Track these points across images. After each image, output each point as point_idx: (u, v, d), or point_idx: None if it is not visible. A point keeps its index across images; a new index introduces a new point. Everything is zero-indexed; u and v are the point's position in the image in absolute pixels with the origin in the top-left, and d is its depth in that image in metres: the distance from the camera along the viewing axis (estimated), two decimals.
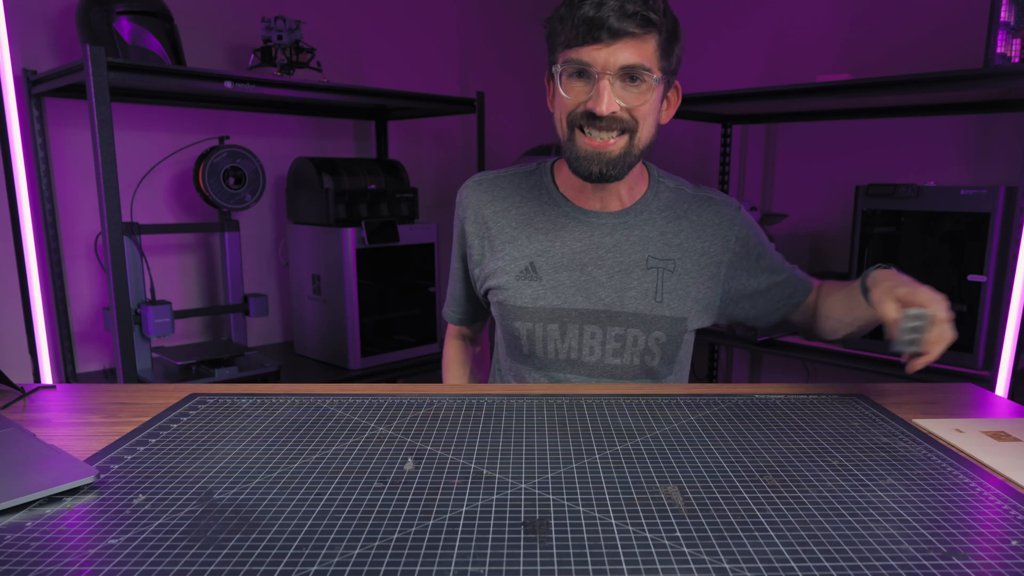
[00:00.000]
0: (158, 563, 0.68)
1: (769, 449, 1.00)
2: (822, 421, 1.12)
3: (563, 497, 0.84)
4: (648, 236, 1.38)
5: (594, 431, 1.06)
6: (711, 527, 0.77)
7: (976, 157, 2.75)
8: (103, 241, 2.26)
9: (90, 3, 2.40)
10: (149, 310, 2.54)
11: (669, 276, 1.36)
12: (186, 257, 3.04)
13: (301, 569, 0.67)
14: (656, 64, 1.22)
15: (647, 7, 1.17)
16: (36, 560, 0.69)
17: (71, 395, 1.28)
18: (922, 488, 0.88)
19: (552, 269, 1.37)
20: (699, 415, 1.14)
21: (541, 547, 0.72)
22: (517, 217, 1.40)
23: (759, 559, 0.70)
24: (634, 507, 0.81)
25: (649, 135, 1.29)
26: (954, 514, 0.81)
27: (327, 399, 1.21)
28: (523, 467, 0.93)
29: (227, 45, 3.03)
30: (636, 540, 0.74)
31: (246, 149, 2.74)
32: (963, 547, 0.73)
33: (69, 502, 0.82)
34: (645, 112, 1.24)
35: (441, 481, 0.88)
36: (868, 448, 1.01)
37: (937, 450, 1.00)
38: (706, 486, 0.88)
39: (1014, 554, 0.72)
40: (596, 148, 1.24)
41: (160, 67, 2.38)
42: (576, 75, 1.22)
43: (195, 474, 0.90)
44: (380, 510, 0.80)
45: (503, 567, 0.68)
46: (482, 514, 0.80)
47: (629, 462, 0.95)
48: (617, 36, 1.16)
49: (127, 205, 2.69)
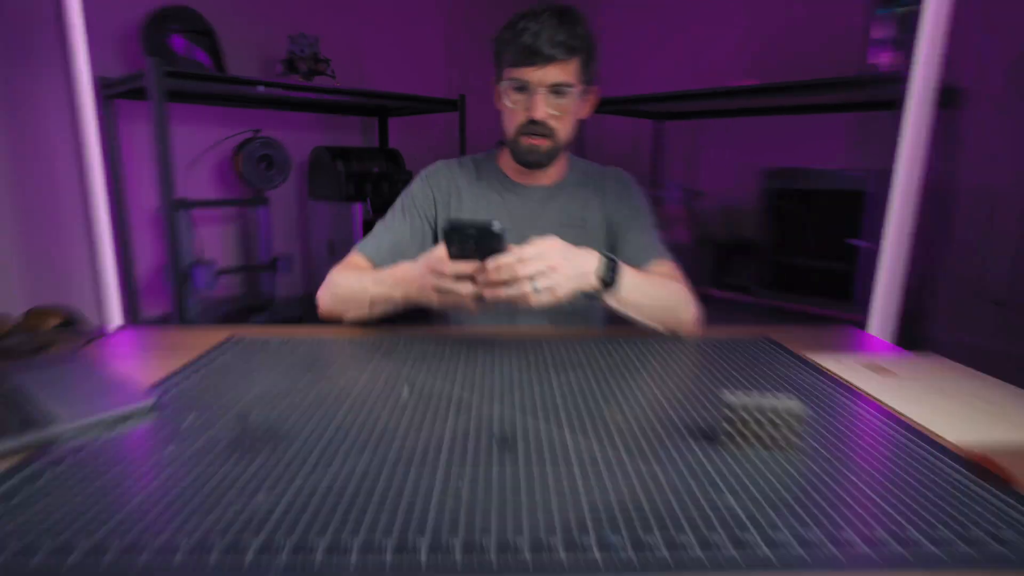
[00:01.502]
0: (204, 470, 0.68)
1: (692, 378, 1.00)
2: (734, 356, 1.12)
3: (528, 417, 0.83)
4: (568, 203, 1.42)
5: (552, 365, 1.06)
6: (644, 440, 0.76)
7: (856, 146, 2.75)
8: (161, 213, 2.26)
9: (151, 23, 2.49)
10: (197, 268, 2.54)
11: (583, 232, 1.39)
12: (227, 226, 3.04)
13: (317, 475, 0.67)
14: (578, 80, 1.27)
15: (572, 37, 1.22)
16: (107, 468, 0.68)
17: (135, 336, 1.27)
18: (815, 409, 0.87)
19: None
20: (637, 352, 1.14)
21: (509, 456, 0.72)
22: (475, 191, 1.43)
23: (683, 464, 0.70)
24: (584, 425, 0.81)
25: (569, 133, 1.34)
26: (841, 431, 0.80)
27: (339, 340, 1.20)
28: (496, 393, 0.92)
29: (259, 57, 3.03)
30: (585, 451, 0.73)
31: (275, 140, 2.74)
32: (847, 457, 0.73)
33: (133, 422, 0.81)
34: (566, 118, 1.30)
35: (431, 404, 0.88)
36: (772, 378, 1.00)
37: (827, 380, 1.00)
38: (641, 408, 0.87)
39: (888, 463, 0.72)
40: (533, 145, 1.31)
41: (206, 74, 2.39)
42: (517, 89, 1.27)
43: (233, 399, 0.88)
44: (381, 428, 0.79)
45: (480, 473, 0.68)
46: (463, 431, 0.79)
47: (580, 389, 0.94)
48: (548, 61, 1.22)
49: (180, 184, 2.74)
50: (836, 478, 0.67)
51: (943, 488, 0.65)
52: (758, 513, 0.60)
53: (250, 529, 0.57)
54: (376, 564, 0.52)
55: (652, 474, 0.68)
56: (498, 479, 0.67)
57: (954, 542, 0.56)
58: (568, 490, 0.64)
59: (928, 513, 0.60)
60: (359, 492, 0.63)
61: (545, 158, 1.34)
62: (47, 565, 0.52)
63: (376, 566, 0.52)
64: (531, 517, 0.59)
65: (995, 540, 0.56)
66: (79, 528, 0.57)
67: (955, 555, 0.54)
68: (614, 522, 0.58)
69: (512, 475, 0.67)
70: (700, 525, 0.58)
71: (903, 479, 0.67)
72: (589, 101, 1.38)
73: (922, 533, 0.57)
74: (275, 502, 0.61)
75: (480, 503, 0.62)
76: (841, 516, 0.60)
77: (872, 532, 0.57)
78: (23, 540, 0.56)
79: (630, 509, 0.61)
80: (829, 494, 0.64)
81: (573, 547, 0.55)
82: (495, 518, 0.59)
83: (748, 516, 0.59)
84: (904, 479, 0.67)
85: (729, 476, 0.67)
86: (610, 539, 0.56)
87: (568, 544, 0.55)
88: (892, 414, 0.86)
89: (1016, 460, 0.72)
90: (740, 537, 0.56)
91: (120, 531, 0.57)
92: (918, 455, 0.73)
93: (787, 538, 0.56)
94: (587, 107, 1.39)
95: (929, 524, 0.59)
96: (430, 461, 0.71)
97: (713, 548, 0.55)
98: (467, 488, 0.65)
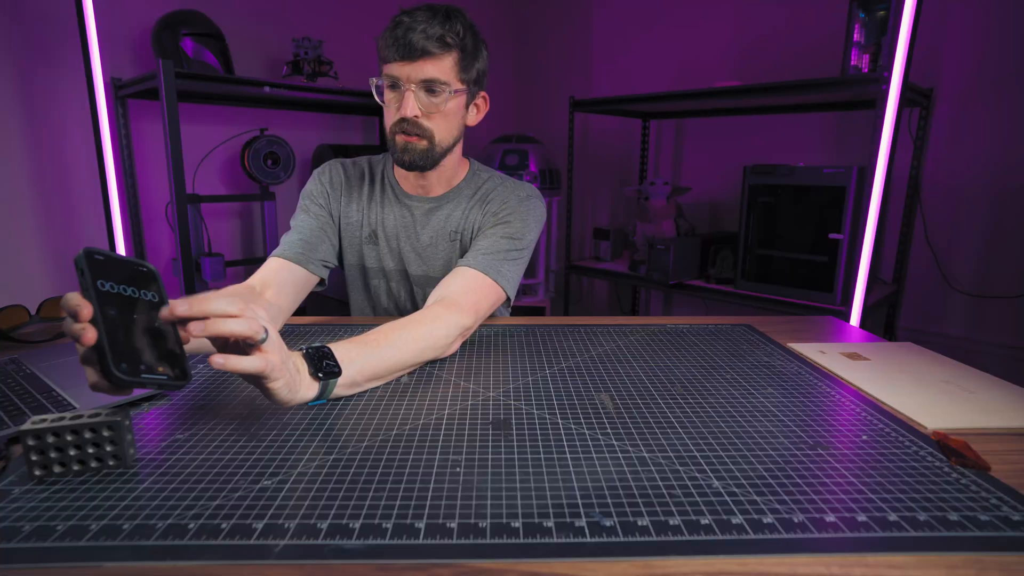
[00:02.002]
0: (214, 452, 0.68)
1: (678, 366, 0.99)
2: (718, 345, 1.11)
3: (521, 403, 0.83)
4: (452, 216, 1.30)
5: (544, 353, 1.05)
6: (633, 425, 0.76)
7: (836, 144, 2.75)
8: (172, 208, 2.26)
9: (162, 27, 2.47)
10: (206, 260, 2.54)
11: (456, 247, 1.30)
12: (234, 220, 3.03)
13: (322, 458, 0.66)
14: (455, 78, 1.15)
15: (445, 31, 1.11)
16: None
17: None
18: (794, 396, 0.87)
19: (385, 238, 1.33)
20: (625, 340, 1.13)
21: (504, 440, 0.71)
22: (362, 195, 1.34)
23: (670, 449, 0.69)
24: (575, 410, 0.80)
25: (450, 136, 1.21)
26: (819, 415, 0.80)
27: (340, 327, 1.20)
28: (491, 380, 0.92)
29: (266, 59, 3.01)
30: (576, 435, 0.73)
31: (280, 138, 2.73)
32: (826, 440, 0.72)
33: (147, 406, 0.81)
34: (442, 118, 1.18)
35: (429, 390, 0.87)
36: (753, 365, 1.00)
37: (806, 367, 1.00)
38: (630, 394, 0.86)
39: (864, 445, 0.71)
40: (406, 142, 1.17)
41: (215, 75, 2.39)
42: (390, 87, 1.16)
43: (241, 387, 0.88)
44: (383, 412, 0.79)
45: (475, 455, 0.68)
46: (460, 415, 0.78)
47: (571, 376, 0.94)
48: (419, 55, 1.10)
49: (190, 180, 2.77)
50: (818, 463, 0.67)
51: (921, 473, 0.65)
52: (744, 497, 0.60)
53: (257, 511, 0.57)
54: (376, 544, 0.52)
55: (641, 458, 0.67)
56: (493, 463, 0.66)
57: (933, 525, 0.56)
58: (560, 473, 0.64)
59: (908, 498, 0.60)
60: (360, 475, 0.63)
61: (421, 158, 1.19)
62: (62, 546, 0.52)
63: (376, 547, 0.52)
64: (525, 499, 0.59)
65: (973, 524, 0.56)
66: (92, 509, 0.57)
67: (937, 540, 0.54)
68: (604, 505, 0.58)
69: (507, 458, 0.67)
70: (687, 508, 0.58)
71: (883, 464, 0.67)
72: (477, 108, 1.27)
73: (903, 518, 0.57)
74: (279, 485, 0.61)
75: (476, 486, 0.61)
76: (824, 500, 0.59)
77: (855, 516, 0.57)
78: (38, 522, 0.55)
79: (620, 492, 0.60)
80: (812, 479, 0.63)
81: (565, 528, 0.54)
82: (490, 500, 0.59)
83: (735, 500, 0.59)
84: (885, 465, 0.67)
85: (715, 461, 0.67)
86: (600, 520, 0.55)
87: (560, 526, 0.55)
88: (868, 399, 0.86)
89: (986, 443, 0.72)
90: (727, 521, 0.56)
91: (131, 512, 0.56)
92: (894, 439, 0.73)
93: (773, 522, 0.56)
94: (478, 114, 1.27)
95: (908, 508, 0.58)
96: (428, 444, 0.70)
97: (700, 531, 0.54)
98: (463, 471, 0.64)
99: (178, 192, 2.21)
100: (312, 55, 2.79)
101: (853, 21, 2.16)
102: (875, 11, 2.12)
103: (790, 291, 2.32)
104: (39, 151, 2.39)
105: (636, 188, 2.92)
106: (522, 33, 4.02)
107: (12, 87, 2.31)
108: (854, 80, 2.06)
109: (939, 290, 2.50)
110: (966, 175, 2.38)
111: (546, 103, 3.94)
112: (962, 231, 2.42)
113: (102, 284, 0.60)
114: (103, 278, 0.60)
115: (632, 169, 3.53)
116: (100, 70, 2.19)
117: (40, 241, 2.43)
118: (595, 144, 3.70)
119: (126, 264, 0.64)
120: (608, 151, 3.65)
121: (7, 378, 0.89)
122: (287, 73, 2.81)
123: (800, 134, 2.86)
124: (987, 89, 2.30)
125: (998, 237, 2.33)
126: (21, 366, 0.95)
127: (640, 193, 2.86)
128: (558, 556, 0.51)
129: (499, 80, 4.01)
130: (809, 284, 2.26)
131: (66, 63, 2.40)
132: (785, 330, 1.23)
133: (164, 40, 2.41)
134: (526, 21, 4.00)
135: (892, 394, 0.87)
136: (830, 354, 1.06)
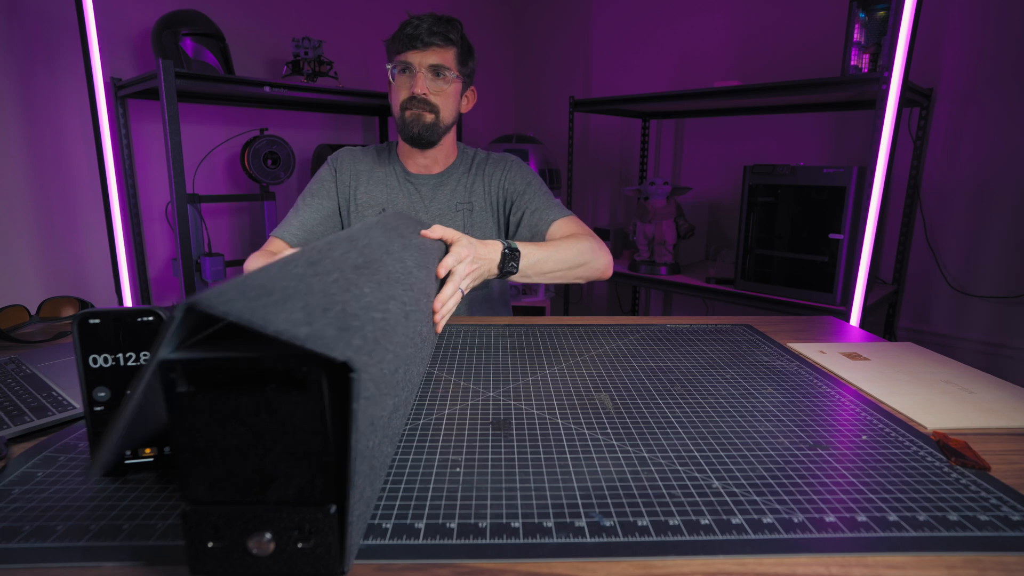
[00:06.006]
0: None
1: (678, 366, 0.99)
2: (718, 344, 1.11)
3: (521, 403, 0.83)
4: (455, 190, 1.51)
5: (544, 352, 1.05)
6: (633, 425, 0.76)
7: (835, 144, 2.75)
8: (172, 208, 2.27)
9: (162, 26, 2.46)
10: (206, 260, 2.53)
11: (469, 215, 1.50)
12: (234, 220, 3.02)
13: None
14: (455, 66, 1.41)
15: (447, 30, 1.38)
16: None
17: None
18: (794, 396, 0.87)
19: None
20: (624, 340, 1.13)
21: (504, 440, 0.71)
22: (374, 177, 1.51)
23: (670, 449, 0.69)
24: (575, 410, 0.80)
25: (451, 114, 1.44)
26: (819, 415, 0.80)
27: None
28: (491, 380, 0.92)
29: (266, 59, 3.00)
30: (576, 435, 0.73)
31: (280, 138, 2.73)
32: (826, 440, 0.72)
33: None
34: (446, 98, 1.42)
35: (429, 390, 0.87)
36: (753, 365, 1.00)
37: (806, 367, 1.00)
38: (630, 394, 0.86)
39: (864, 445, 0.71)
40: (416, 114, 1.40)
41: (215, 75, 2.38)
42: (402, 71, 1.40)
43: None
44: None
45: (475, 455, 0.67)
46: (460, 415, 0.78)
47: (571, 376, 0.94)
48: (428, 45, 1.37)
49: (190, 180, 2.75)
50: (818, 463, 0.67)
51: (921, 473, 0.65)
52: (743, 498, 0.60)
53: None
54: (376, 545, 0.52)
55: (640, 458, 0.67)
56: (493, 463, 0.66)
57: (933, 526, 0.56)
58: (560, 473, 0.64)
59: (907, 498, 0.60)
60: None
61: (428, 131, 1.42)
62: (62, 546, 0.52)
63: (376, 547, 0.52)
64: (524, 499, 0.59)
65: (973, 524, 0.56)
66: (93, 509, 0.57)
67: (936, 540, 0.54)
68: (604, 505, 0.58)
69: (507, 458, 0.67)
70: (687, 508, 0.58)
71: (883, 464, 0.67)
72: (469, 99, 1.52)
73: (903, 518, 0.57)
74: None
75: (475, 486, 0.61)
76: (823, 500, 0.59)
77: (854, 516, 0.57)
78: (38, 522, 0.55)
79: (620, 492, 0.60)
80: (812, 479, 0.63)
81: (565, 529, 0.54)
82: (490, 500, 0.59)
83: (735, 501, 0.59)
84: (884, 465, 0.67)
85: (715, 461, 0.67)
86: (600, 520, 0.55)
87: (560, 526, 0.55)
88: (868, 399, 0.86)
89: (986, 443, 0.72)
90: (727, 521, 0.56)
91: (131, 512, 0.56)
92: (894, 439, 0.73)
93: (772, 522, 0.56)
94: (468, 104, 1.52)
95: (908, 508, 0.58)
96: (429, 444, 0.70)
97: (700, 531, 0.54)
98: (463, 471, 0.64)
99: (178, 192, 2.20)
100: (312, 55, 2.78)
101: (853, 21, 2.16)
102: (875, 11, 2.12)
103: (790, 291, 2.31)
104: (39, 151, 2.39)
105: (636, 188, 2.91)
106: (522, 33, 4.02)
107: (12, 87, 2.30)
108: (854, 80, 2.05)
109: (939, 290, 2.50)
110: (966, 175, 2.38)
111: (546, 103, 3.94)
112: (962, 231, 2.42)
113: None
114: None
115: (632, 169, 3.53)
116: (100, 70, 2.19)
117: (40, 241, 2.42)
118: (595, 144, 3.70)
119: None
120: (608, 151, 3.65)
121: (7, 378, 0.89)
122: (287, 73, 2.81)
123: (800, 134, 2.86)
124: (987, 89, 2.29)
125: (998, 237, 2.33)
126: (21, 366, 0.95)
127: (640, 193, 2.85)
128: (558, 556, 0.51)
129: (499, 80, 4.01)
130: (809, 284, 2.26)
131: (66, 63, 2.40)
132: (785, 330, 1.23)
133: (164, 40, 2.41)
134: (526, 21, 3.99)
135: (892, 394, 0.88)
136: (830, 354, 1.06)
